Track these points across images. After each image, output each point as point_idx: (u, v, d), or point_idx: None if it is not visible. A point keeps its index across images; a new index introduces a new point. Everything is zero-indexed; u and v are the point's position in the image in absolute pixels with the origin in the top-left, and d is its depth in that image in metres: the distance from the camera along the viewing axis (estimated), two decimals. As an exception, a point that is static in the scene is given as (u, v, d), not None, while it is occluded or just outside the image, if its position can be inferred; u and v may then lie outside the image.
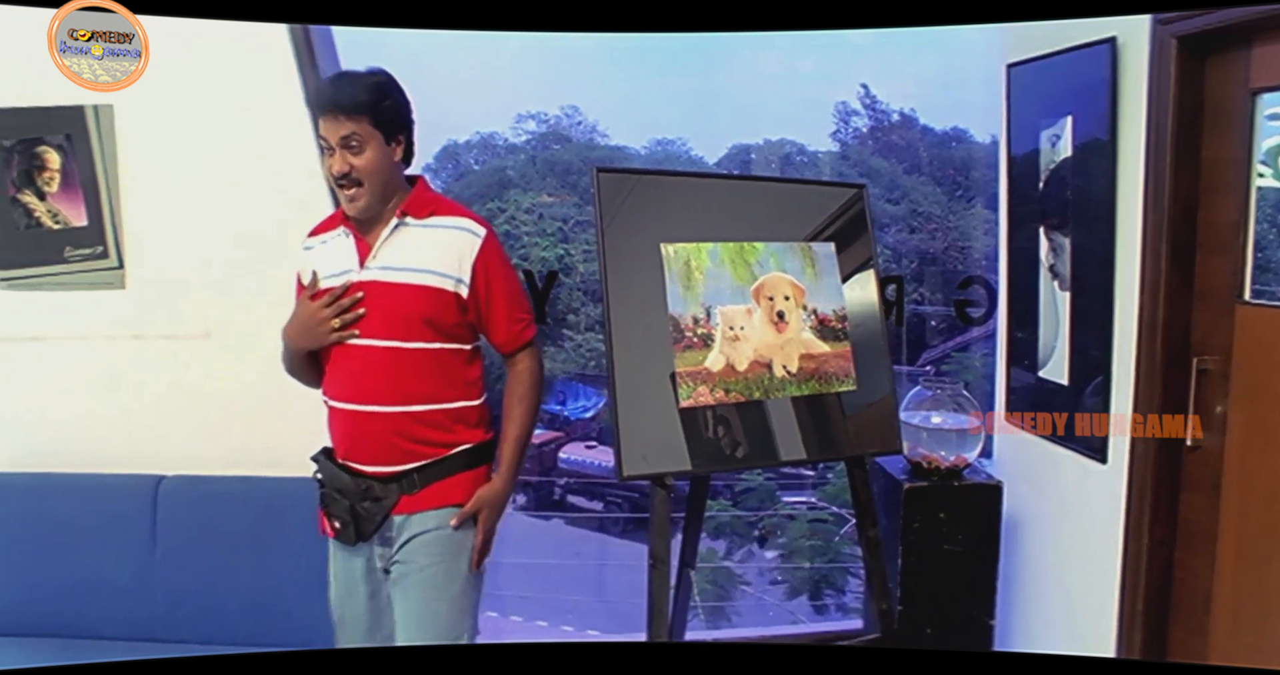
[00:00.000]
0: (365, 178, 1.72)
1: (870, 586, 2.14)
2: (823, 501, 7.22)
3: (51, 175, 2.34)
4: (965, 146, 10.75)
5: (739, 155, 13.68)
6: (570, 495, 10.25)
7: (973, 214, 10.47)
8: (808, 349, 2.00)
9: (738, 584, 7.02)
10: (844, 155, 11.41)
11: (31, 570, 2.24)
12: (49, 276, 2.35)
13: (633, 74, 20.34)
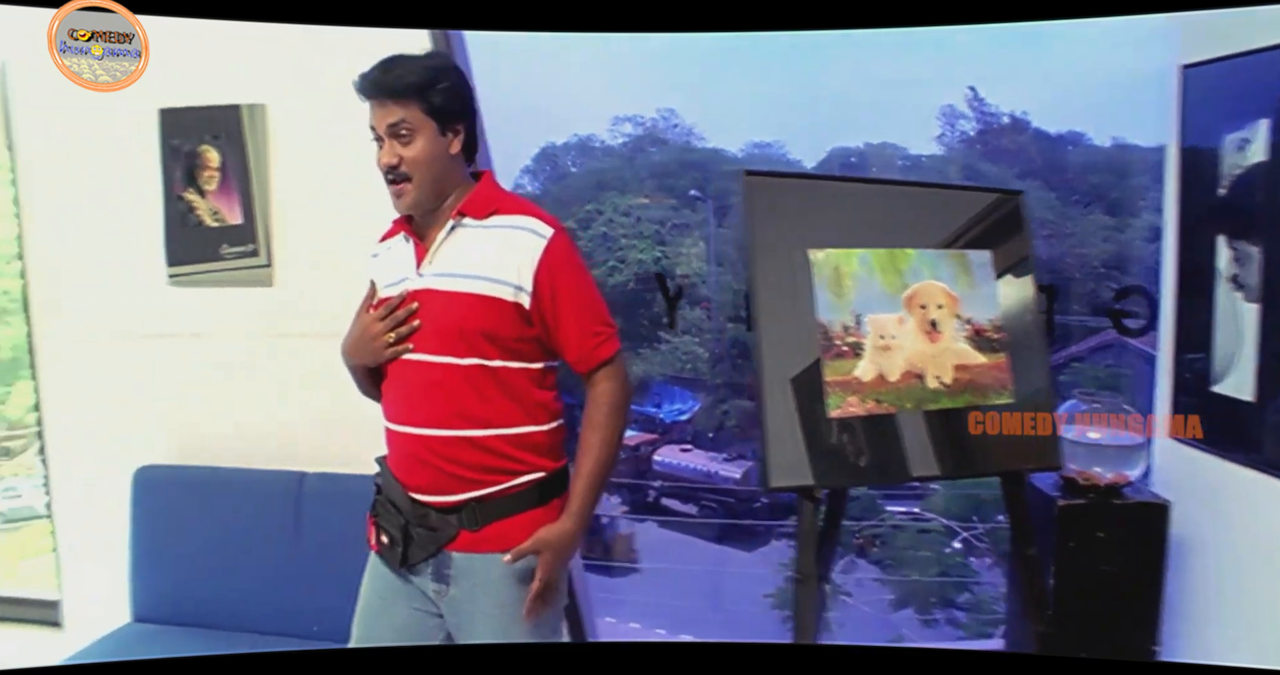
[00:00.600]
0: (414, 171, 1.53)
1: (1027, 607, 2.02)
2: (928, 512, 6.99)
3: (211, 174, 2.41)
4: (1083, 150, 10.28)
5: (839, 158, 13.41)
6: (664, 498, 10.24)
7: (1090, 220, 10.01)
8: (962, 360, 1.89)
9: (837, 594, 6.85)
10: (949, 159, 11.06)
11: (185, 561, 2.31)
12: (208, 273, 2.42)
13: (729, 77, 20.20)
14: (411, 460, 1.56)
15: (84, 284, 2.51)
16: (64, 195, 2.52)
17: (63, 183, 2.53)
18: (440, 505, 1.55)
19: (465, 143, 1.59)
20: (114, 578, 2.36)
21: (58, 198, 2.54)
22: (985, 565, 6.29)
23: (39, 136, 2.52)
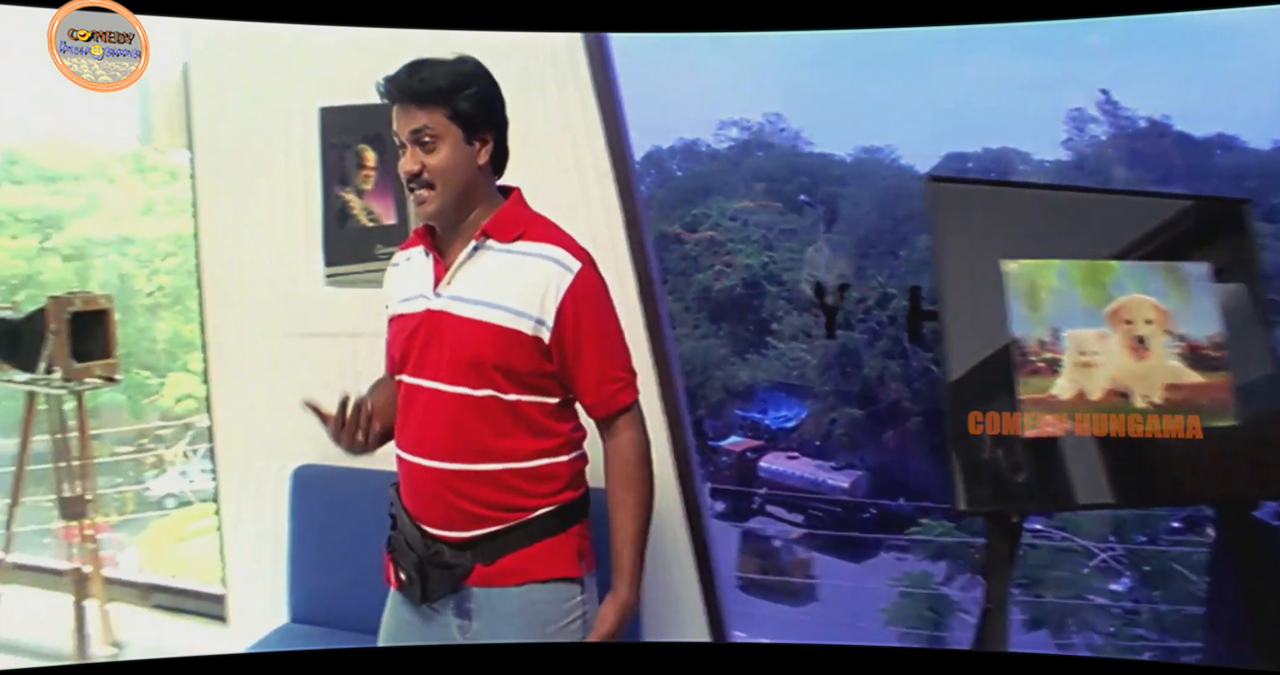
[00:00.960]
0: (438, 179, 1.44)
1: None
2: (1060, 530, 6.61)
3: (368, 173, 2.45)
4: (1236, 154, 9.57)
5: (954, 164, 12.90)
6: (769, 505, 10.06)
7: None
8: (1175, 379, 1.74)
9: (956, 611, 6.55)
10: (1079, 165, 10.47)
11: (341, 563, 2.30)
12: (363, 273, 2.44)
13: (838, 79, 19.82)
14: (423, 494, 1.50)
15: (252, 281, 2.58)
16: (235, 193, 2.63)
17: (234, 181, 2.63)
18: (454, 541, 1.48)
19: (494, 154, 1.51)
20: (277, 575, 2.40)
21: (230, 196, 2.64)
22: (1125, 587, 5.91)
23: (214, 135, 2.62)
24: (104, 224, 11.50)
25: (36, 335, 2.53)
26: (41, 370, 2.53)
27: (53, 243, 10.93)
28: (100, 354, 2.64)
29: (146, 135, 3.05)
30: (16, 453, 2.64)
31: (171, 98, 3.42)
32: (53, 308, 2.54)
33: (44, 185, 11.21)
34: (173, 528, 9.71)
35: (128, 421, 10.85)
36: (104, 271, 11.35)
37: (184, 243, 12.41)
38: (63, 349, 2.53)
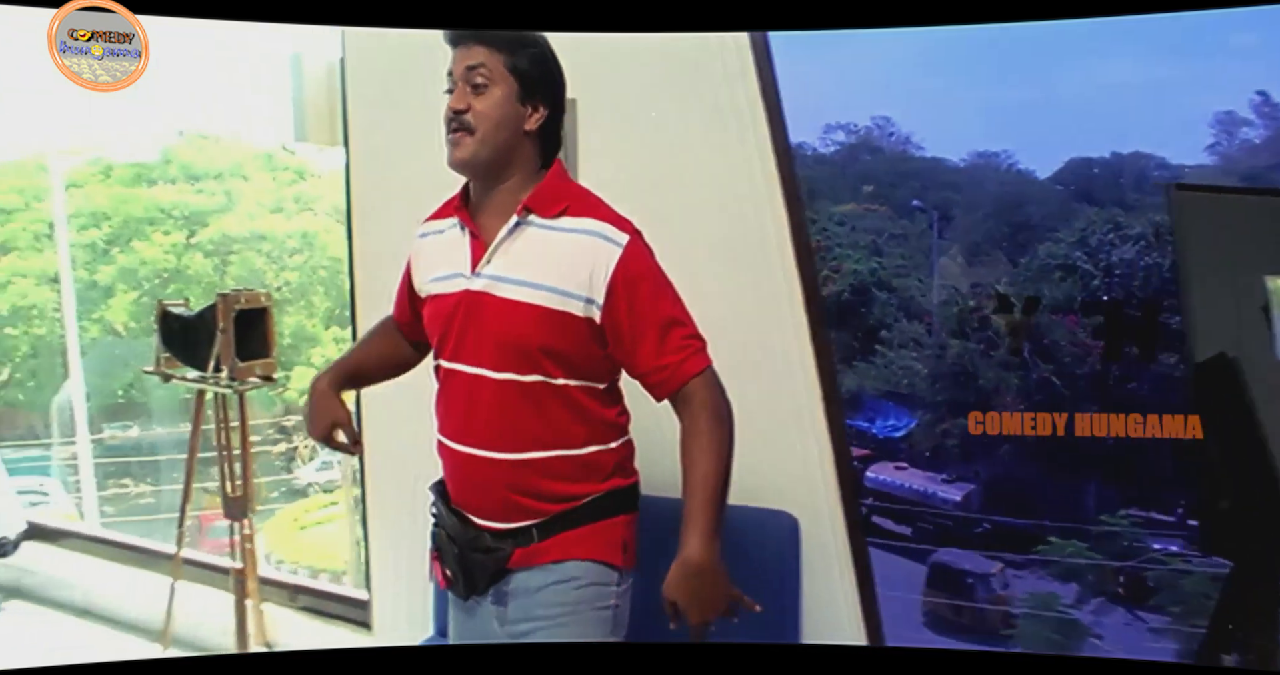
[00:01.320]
0: (480, 124, 1.38)
1: None
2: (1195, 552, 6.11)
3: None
4: None
5: (1078, 169, 12.21)
6: (875, 516, 9.74)
7: None
8: None
9: (1086, 636, 6.15)
10: (1227, 170, 9.74)
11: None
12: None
13: (949, 81, 19.05)
14: (471, 483, 1.45)
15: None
16: (390, 191, 2.61)
17: (389, 179, 2.62)
18: (498, 530, 1.43)
19: (544, 129, 1.44)
20: (422, 585, 2.31)
21: (385, 194, 2.63)
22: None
23: (370, 134, 2.64)
24: (240, 221, 12.07)
25: (208, 333, 2.60)
26: (211, 368, 2.60)
27: (196, 239, 11.53)
28: (261, 352, 2.71)
29: (301, 133, 3.11)
30: (186, 452, 2.73)
31: (323, 96, 3.48)
32: (222, 306, 2.61)
33: (190, 183, 11.84)
34: (297, 515, 10.13)
35: (253, 413, 11.33)
36: (239, 267, 11.92)
37: (310, 240, 12.95)
38: (229, 347, 2.60)
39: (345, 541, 9.67)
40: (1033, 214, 3.87)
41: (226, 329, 2.59)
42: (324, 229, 13.11)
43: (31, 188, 10.36)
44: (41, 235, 10.46)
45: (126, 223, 11.06)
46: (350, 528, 8.66)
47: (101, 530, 3.15)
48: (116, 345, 10.55)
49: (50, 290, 10.25)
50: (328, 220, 13.53)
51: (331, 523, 10.17)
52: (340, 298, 12.77)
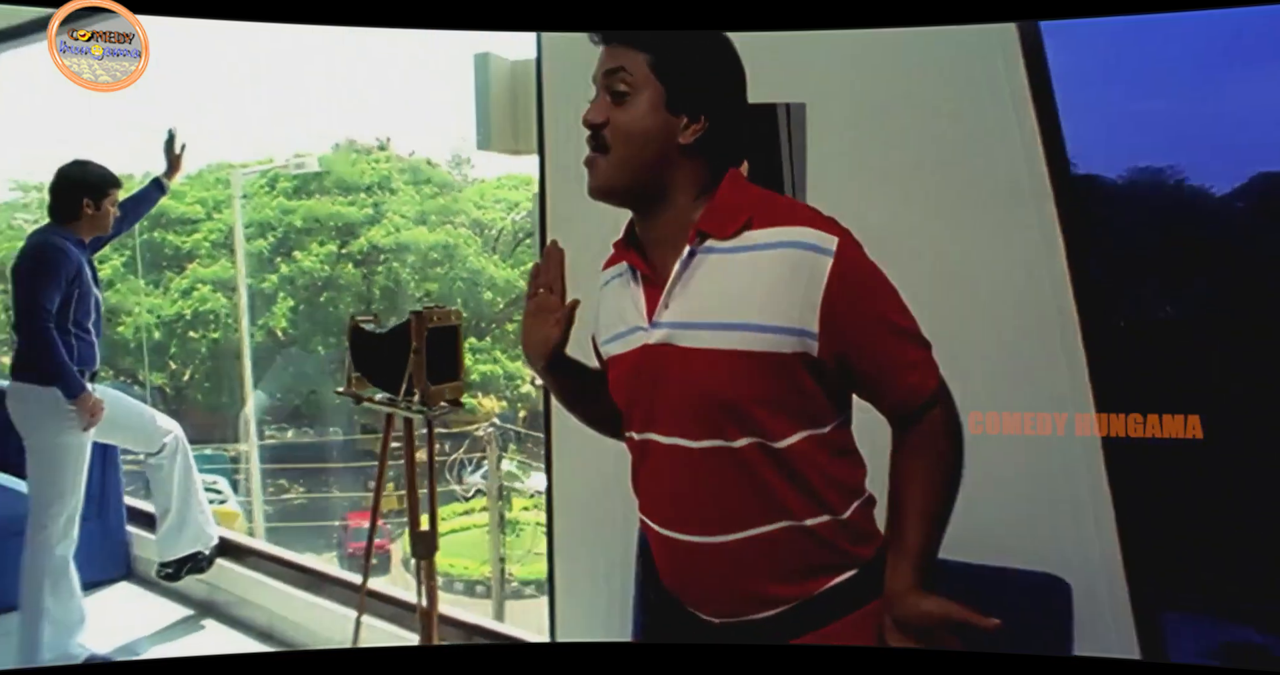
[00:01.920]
0: (617, 142, 1.13)
1: None
2: None
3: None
4: None
5: (1263, 186, 11.00)
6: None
7: None
8: None
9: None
10: None
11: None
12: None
13: (1104, 87, 17.77)
14: (690, 575, 1.19)
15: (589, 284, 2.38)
16: (587, 204, 2.41)
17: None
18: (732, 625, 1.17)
19: (708, 141, 1.12)
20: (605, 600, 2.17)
21: (580, 206, 2.44)
22: None
23: (566, 139, 2.45)
24: (387, 233, 12.41)
25: (400, 353, 2.42)
26: (403, 392, 2.41)
27: (347, 248, 11.93)
28: (450, 374, 2.50)
29: (485, 140, 2.92)
30: (374, 482, 2.55)
31: (507, 103, 3.33)
32: (415, 324, 2.41)
33: (343, 195, 12.28)
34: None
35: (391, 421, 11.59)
36: (384, 277, 12.25)
37: (450, 252, 13.22)
38: (421, 369, 2.40)
39: (479, 550, 9.76)
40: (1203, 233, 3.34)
41: (420, 349, 2.39)
42: (463, 241, 13.37)
43: (211, 198, 10.98)
44: (218, 244, 11.05)
45: (288, 233, 11.55)
46: (493, 543, 8.71)
47: (291, 553, 3.02)
48: (278, 350, 11.02)
49: (224, 297, 10.80)
50: (467, 233, 13.81)
51: (464, 531, 10.23)
52: (477, 308, 12.96)
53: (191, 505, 2.90)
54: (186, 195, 10.74)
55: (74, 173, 2.56)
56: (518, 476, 10.48)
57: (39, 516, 2.50)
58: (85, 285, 2.55)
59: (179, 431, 2.91)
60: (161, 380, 10.85)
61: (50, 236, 2.51)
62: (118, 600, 2.96)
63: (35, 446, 2.52)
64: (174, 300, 10.74)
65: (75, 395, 2.47)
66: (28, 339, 2.45)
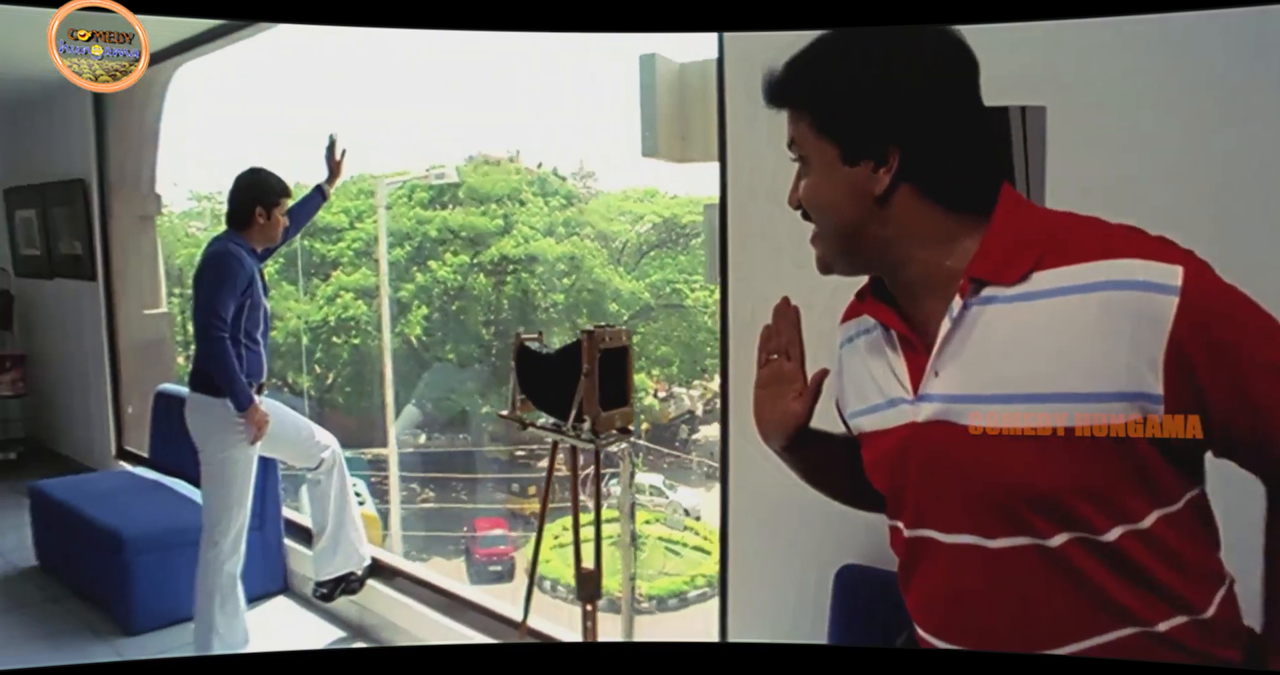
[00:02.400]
0: (815, 219, 0.96)
1: None
2: None
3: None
4: None
5: None
6: None
7: None
8: None
9: None
10: None
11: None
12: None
13: None
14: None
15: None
16: (771, 216, 2.12)
17: (769, 195, 2.18)
18: None
19: (915, 177, 0.88)
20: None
21: (764, 220, 2.18)
22: None
23: (748, 147, 2.20)
24: (516, 243, 12.55)
25: (568, 375, 2.24)
26: (572, 418, 2.23)
27: (478, 259, 12.13)
28: (619, 399, 2.30)
29: (651, 147, 2.72)
30: (537, 517, 2.38)
31: (672, 107, 3.14)
32: (586, 344, 2.22)
33: (475, 206, 12.51)
34: (554, 530, 10.25)
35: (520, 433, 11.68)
36: (513, 287, 12.39)
37: (577, 263, 13.28)
38: (593, 394, 2.21)
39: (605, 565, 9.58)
40: None
41: (591, 372, 2.20)
42: (589, 253, 13.40)
43: (355, 208, 11.40)
44: (360, 253, 11.47)
45: (424, 243, 11.85)
46: (624, 560, 8.53)
47: (437, 576, 2.90)
48: (414, 357, 11.30)
49: (365, 304, 11.19)
50: (593, 245, 13.84)
51: (588, 542, 10.13)
52: (603, 320, 12.95)
53: (346, 524, 2.82)
54: (333, 205, 11.17)
55: (249, 181, 2.52)
56: (661, 491, 10.35)
57: (210, 532, 2.46)
58: (256, 295, 2.50)
59: (336, 447, 2.84)
60: (308, 383, 11.30)
61: (228, 244, 2.47)
62: (275, 616, 2.91)
63: (207, 459, 2.48)
64: (319, 306, 11.17)
65: (244, 408, 2.42)
66: (204, 348, 2.41)
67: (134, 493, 3.07)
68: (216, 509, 2.47)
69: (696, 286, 13.76)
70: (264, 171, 2.54)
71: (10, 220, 4.66)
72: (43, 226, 4.43)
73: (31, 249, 4.57)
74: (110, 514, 2.84)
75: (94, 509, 2.90)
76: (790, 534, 2.18)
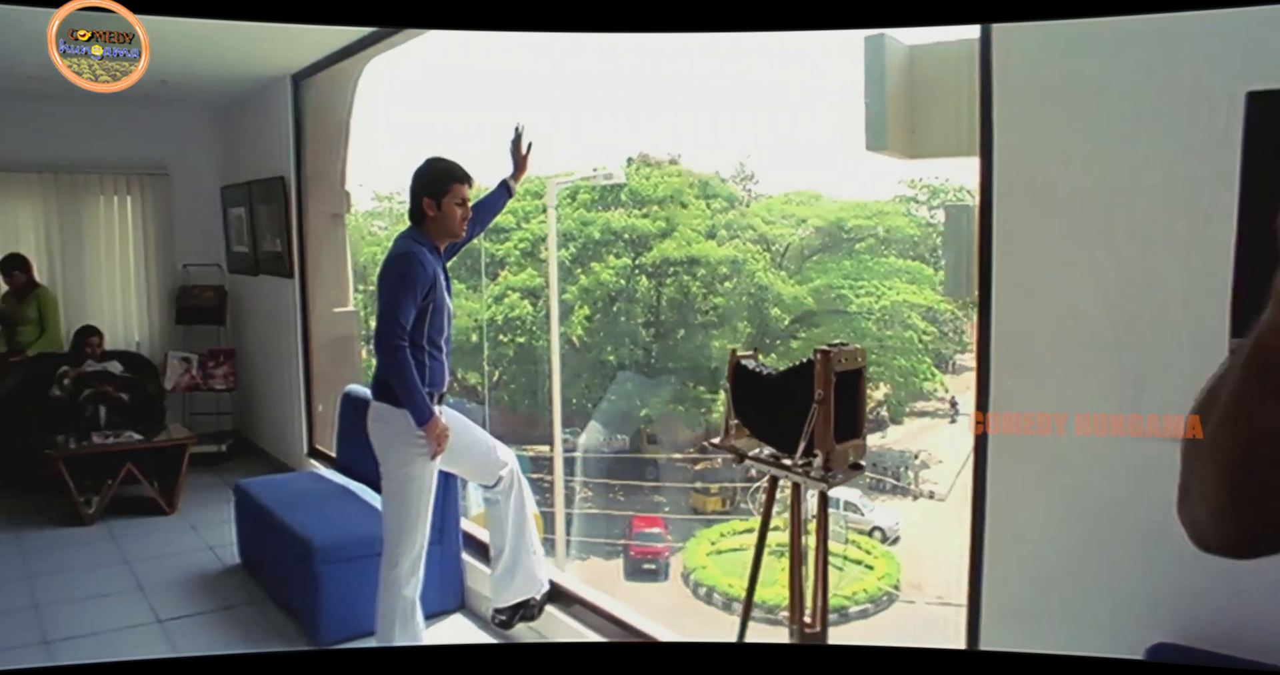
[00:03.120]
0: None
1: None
2: None
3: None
4: None
5: None
6: None
7: None
8: None
9: None
10: None
11: None
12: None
13: None
14: None
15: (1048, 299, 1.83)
16: (1042, 218, 1.85)
17: (1042, 202, 1.84)
18: None
19: None
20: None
21: (1035, 220, 1.87)
22: None
23: (1022, 138, 1.87)
24: (678, 246, 12.33)
25: (794, 401, 1.89)
26: (801, 451, 1.88)
27: (641, 260, 12.01)
28: (851, 430, 1.93)
29: (879, 140, 2.30)
30: (751, 557, 2.05)
31: (901, 96, 2.74)
32: (820, 366, 1.86)
33: (637, 208, 12.40)
34: (711, 536, 9.97)
35: (681, 431, 11.48)
36: (673, 289, 12.19)
37: (738, 267, 12.91)
38: (827, 425, 1.85)
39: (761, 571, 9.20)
40: None
41: (826, 398, 1.85)
42: (751, 256, 12.98)
43: (522, 209, 11.55)
44: (525, 253, 11.62)
45: (587, 244, 11.85)
46: (811, 570, 8.08)
47: (615, 605, 2.63)
48: (575, 357, 11.33)
49: (529, 304, 11.32)
50: (755, 248, 13.41)
51: (741, 551, 9.78)
52: (763, 324, 12.50)
53: (524, 546, 2.59)
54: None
55: (418, 172, 2.30)
56: (858, 508, 9.83)
57: (391, 553, 2.30)
58: (439, 298, 2.29)
59: (515, 464, 2.61)
60: (476, 380, 11.56)
61: (409, 244, 2.26)
62: (454, 634, 2.74)
63: (388, 474, 2.31)
64: (488, 305, 11.38)
65: (424, 422, 2.22)
66: (384, 358, 2.24)
67: (324, 498, 3.00)
68: (396, 528, 2.30)
69: (861, 292, 13.06)
70: (434, 161, 2.30)
71: (225, 217, 4.86)
72: (250, 224, 4.55)
73: (240, 246, 4.73)
74: (303, 519, 2.78)
75: (288, 513, 2.85)
76: (1073, 604, 1.77)
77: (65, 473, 3.58)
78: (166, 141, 4.78)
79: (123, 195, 4.77)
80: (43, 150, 4.47)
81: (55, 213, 4.60)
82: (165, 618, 2.80)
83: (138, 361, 4.44)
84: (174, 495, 3.76)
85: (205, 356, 4.73)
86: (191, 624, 2.77)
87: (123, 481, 3.69)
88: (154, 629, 2.73)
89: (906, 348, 12.04)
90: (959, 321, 14.11)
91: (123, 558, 3.27)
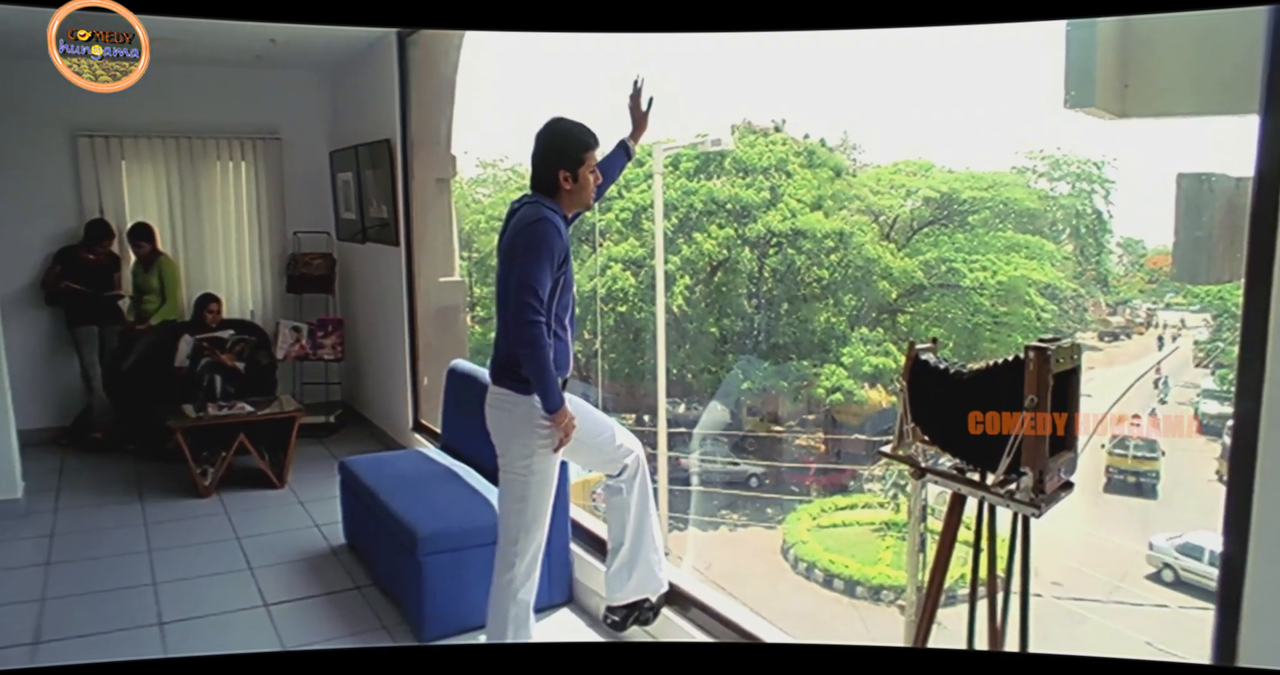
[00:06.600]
0: None
1: None
2: None
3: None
4: None
5: None
6: None
7: None
8: None
9: None
10: None
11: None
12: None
13: None
14: None
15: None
16: None
17: None
18: None
19: None
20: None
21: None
22: None
23: None
24: (783, 217, 11.76)
25: (991, 404, 1.50)
26: (1003, 468, 1.48)
27: (744, 232, 11.52)
28: (1063, 442, 1.52)
29: (1085, 95, 1.80)
30: (931, 572, 1.67)
31: (1112, 47, 2.26)
32: (1033, 365, 1.46)
33: (740, 177, 11.87)
34: (812, 511, 9.60)
35: (785, 406, 11.05)
36: (775, 261, 11.66)
37: (845, 239, 12.24)
38: (1042, 441, 1.46)
39: (859, 549, 8.80)
40: None
41: (1041, 406, 1.45)
42: (859, 228, 12.29)
43: (624, 178, 11.23)
44: (627, 223, 11.30)
45: (689, 214, 11.43)
46: (910, 565, 7.65)
47: (735, 610, 2.30)
48: (675, 328, 11.01)
49: (630, 275, 11.02)
50: (863, 219, 12.69)
51: (846, 527, 9.35)
52: (871, 298, 11.85)
53: (644, 542, 2.29)
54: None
55: (547, 143, 1.99)
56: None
57: (506, 553, 2.03)
58: (569, 273, 1.98)
59: (640, 452, 2.30)
60: (578, 348, 11.41)
61: (542, 210, 1.95)
62: (561, 634, 2.48)
63: (506, 465, 2.04)
64: (590, 277, 11.14)
65: (555, 409, 1.93)
66: (517, 334, 1.93)
67: (429, 481, 2.78)
68: (513, 526, 2.04)
69: (976, 267, 12.22)
70: (563, 125, 2.00)
71: (333, 183, 4.71)
72: (358, 189, 4.37)
73: (349, 213, 4.56)
74: (407, 505, 2.56)
75: (393, 497, 2.64)
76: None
77: (183, 443, 3.51)
78: (278, 104, 4.64)
79: (237, 160, 4.66)
80: (165, 115, 4.39)
81: (176, 179, 4.53)
82: (272, 601, 2.64)
83: (252, 330, 4.36)
84: (284, 468, 3.65)
85: (314, 326, 4.61)
86: (297, 609, 2.60)
87: (235, 452, 3.61)
88: (260, 614, 2.57)
89: (1025, 325, 11.19)
90: (1080, 299, 13.06)
91: (234, 533, 3.16)
